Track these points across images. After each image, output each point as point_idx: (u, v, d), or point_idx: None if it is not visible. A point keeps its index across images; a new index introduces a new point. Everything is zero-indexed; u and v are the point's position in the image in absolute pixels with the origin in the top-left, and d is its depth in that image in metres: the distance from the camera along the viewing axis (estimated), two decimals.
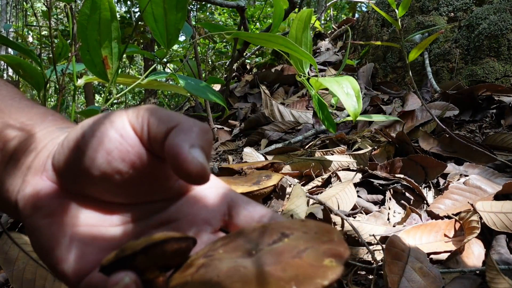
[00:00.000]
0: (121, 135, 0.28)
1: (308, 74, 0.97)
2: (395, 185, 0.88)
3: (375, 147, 1.10)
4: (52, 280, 0.61)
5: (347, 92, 0.81)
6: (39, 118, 0.34)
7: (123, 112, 0.29)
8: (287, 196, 0.87)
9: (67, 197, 0.30)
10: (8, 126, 0.33)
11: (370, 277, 0.65)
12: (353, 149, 1.14)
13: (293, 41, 1.00)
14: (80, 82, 0.73)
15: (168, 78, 0.72)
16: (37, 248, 0.29)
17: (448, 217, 0.74)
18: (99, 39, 0.66)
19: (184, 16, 0.62)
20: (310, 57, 0.66)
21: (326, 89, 1.01)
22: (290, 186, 0.91)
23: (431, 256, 0.67)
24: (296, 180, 0.97)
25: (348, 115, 1.21)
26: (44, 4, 0.74)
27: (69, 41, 0.82)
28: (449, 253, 0.66)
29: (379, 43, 1.17)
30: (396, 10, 1.00)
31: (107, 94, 0.71)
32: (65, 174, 0.29)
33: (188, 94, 0.91)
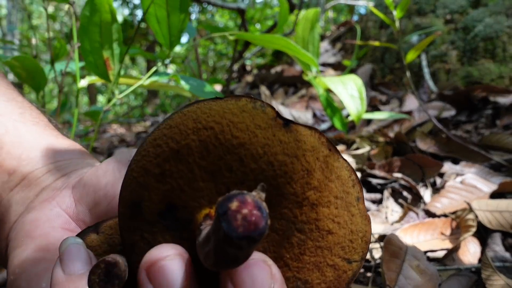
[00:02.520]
0: None
1: (316, 72, 0.98)
2: (393, 184, 0.89)
3: (374, 147, 1.11)
4: None
5: (351, 94, 0.82)
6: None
7: None
8: None
9: (74, 232, 0.28)
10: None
11: (369, 274, 0.66)
12: (351, 148, 1.15)
13: (300, 41, 1.01)
14: (83, 83, 0.74)
15: (170, 78, 0.73)
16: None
17: (445, 216, 0.76)
18: (101, 40, 0.67)
19: (187, 18, 0.63)
20: (311, 59, 0.68)
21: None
22: None
23: (428, 254, 0.68)
24: None
25: (348, 115, 1.22)
26: (42, 6, 0.75)
27: (74, 43, 0.83)
28: (445, 251, 0.67)
29: (377, 43, 1.19)
30: (394, 12, 1.01)
31: (109, 94, 0.72)
32: (89, 198, 0.28)
33: (189, 95, 0.92)
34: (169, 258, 0.18)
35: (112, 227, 0.25)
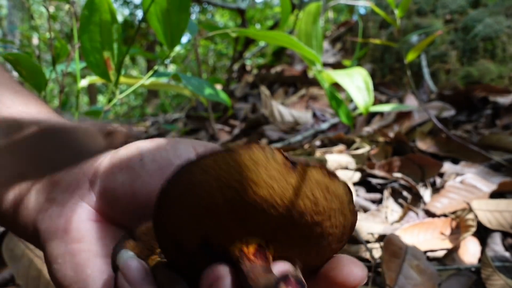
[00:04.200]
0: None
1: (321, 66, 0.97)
2: (393, 184, 0.89)
3: (374, 147, 1.11)
4: None
5: (357, 86, 0.81)
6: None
7: (190, 145, 0.28)
8: None
9: (100, 222, 0.28)
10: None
11: (369, 274, 0.66)
12: (351, 148, 1.15)
13: (303, 36, 1.01)
14: (83, 83, 0.74)
15: (170, 78, 0.73)
16: (60, 275, 0.27)
17: (445, 216, 0.76)
18: (101, 40, 0.67)
19: (188, 17, 0.63)
20: (313, 54, 0.68)
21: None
22: None
23: (428, 253, 0.68)
24: None
25: (355, 108, 1.22)
26: (44, 7, 0.75)
27: (74, 43, 0.83)
28: (445, 251, 0.68)
29: (378, 41, 1.19)
30: (395, 11, 1.01)
31: (110, 94, 0.72)
32: (108, 195, 0.28)
33: (190, 94, 0.92)
34: (226, 276, 0.21)
35: (146, 233, 0.27)
